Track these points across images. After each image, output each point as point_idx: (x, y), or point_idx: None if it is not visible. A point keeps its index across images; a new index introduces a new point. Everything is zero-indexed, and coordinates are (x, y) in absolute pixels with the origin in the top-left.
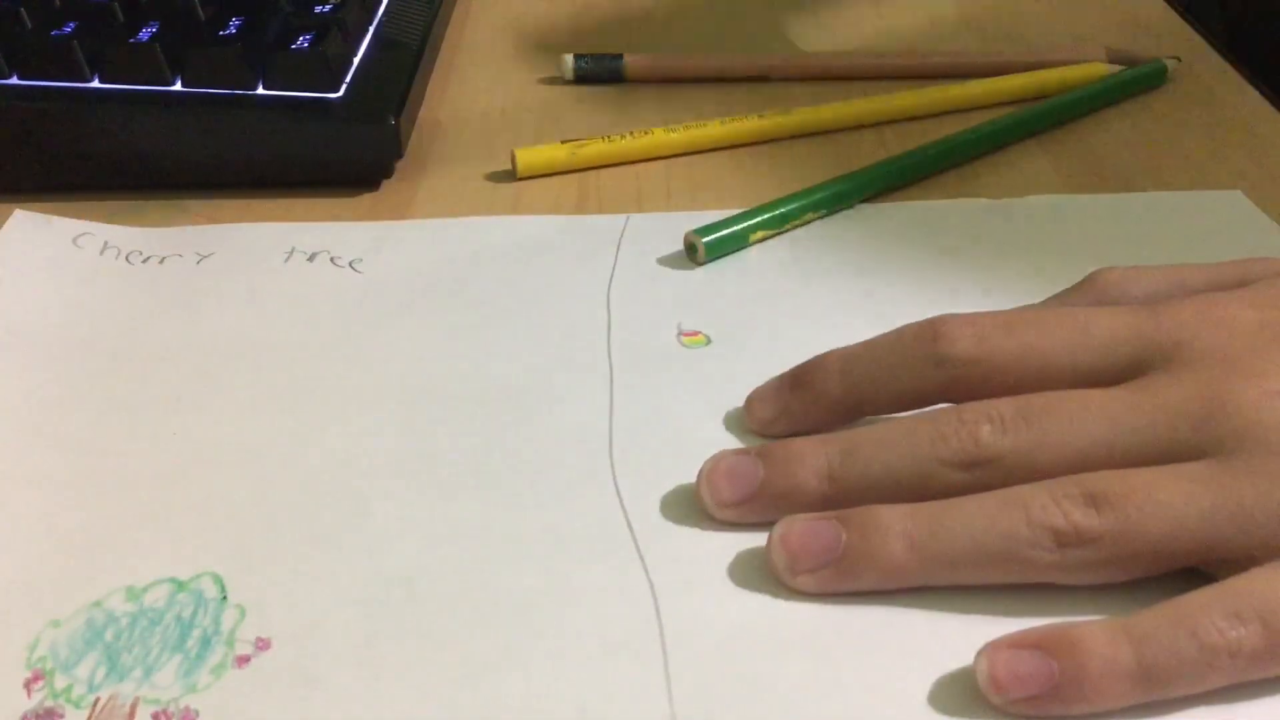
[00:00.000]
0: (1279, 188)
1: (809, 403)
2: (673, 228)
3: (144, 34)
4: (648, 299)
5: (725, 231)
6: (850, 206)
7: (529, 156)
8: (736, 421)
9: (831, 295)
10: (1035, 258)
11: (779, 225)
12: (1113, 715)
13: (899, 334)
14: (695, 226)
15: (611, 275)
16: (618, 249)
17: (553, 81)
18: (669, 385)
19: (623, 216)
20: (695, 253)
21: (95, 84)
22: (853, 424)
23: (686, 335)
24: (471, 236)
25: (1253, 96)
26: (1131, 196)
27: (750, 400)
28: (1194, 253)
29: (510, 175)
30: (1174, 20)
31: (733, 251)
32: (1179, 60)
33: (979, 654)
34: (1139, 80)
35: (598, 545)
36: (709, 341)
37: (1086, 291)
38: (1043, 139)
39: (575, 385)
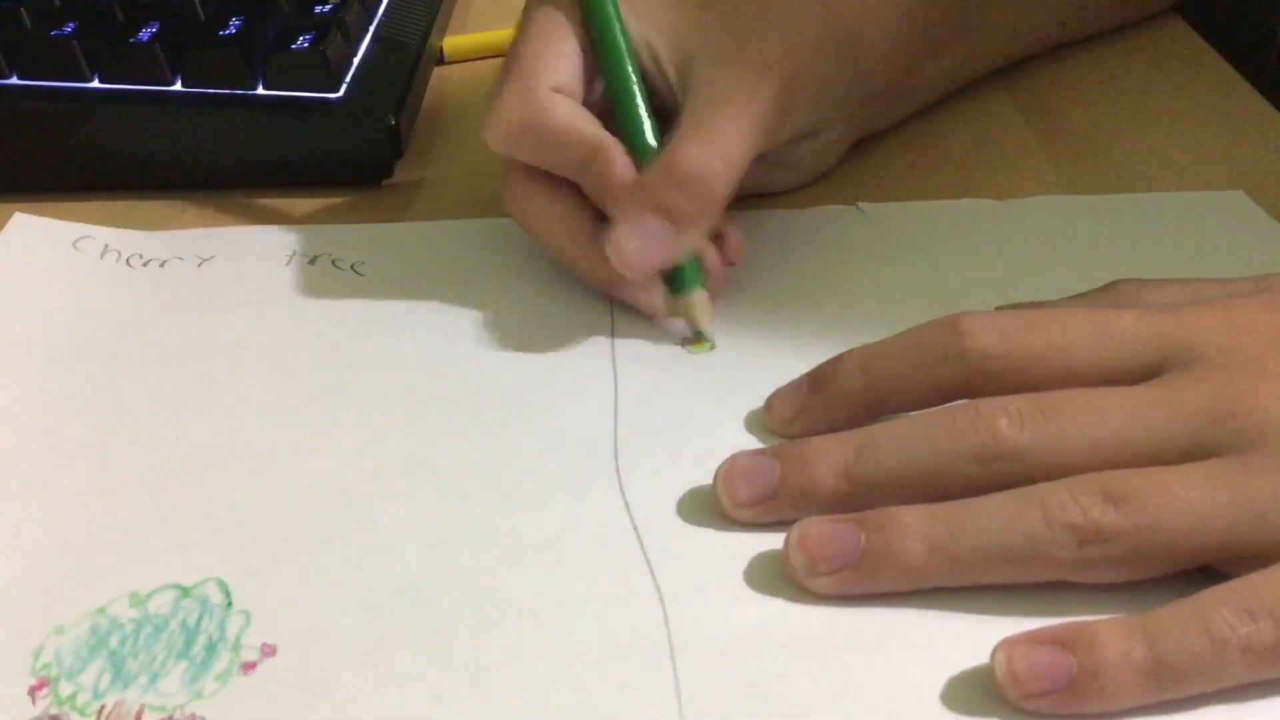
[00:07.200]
0: None
1: (828, 400)
2: None
3: (144, 34)
4: None
5: None
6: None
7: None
8: (741, 425)
9: (834, 298)
10: (1037, 258)
11: None
12: (1128, 715)
13: (919, 330)
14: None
15: None
16: None
17: None
18: (673, 390)
19: None
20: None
21: (95, 84)
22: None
23: (691, 340)
24: (473, 239)
25: (1254, 97)
26: (1133, 197)
27: (770, 400)
28: (1197, 253)
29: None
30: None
31: None
32: None
33: (996, 649)
34: None
35: (604, 550)
36: (713, 346)
37: (1104, 296)
38: (1043, 140)
39: (580, 390)
